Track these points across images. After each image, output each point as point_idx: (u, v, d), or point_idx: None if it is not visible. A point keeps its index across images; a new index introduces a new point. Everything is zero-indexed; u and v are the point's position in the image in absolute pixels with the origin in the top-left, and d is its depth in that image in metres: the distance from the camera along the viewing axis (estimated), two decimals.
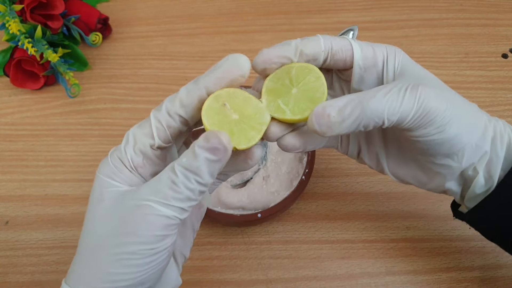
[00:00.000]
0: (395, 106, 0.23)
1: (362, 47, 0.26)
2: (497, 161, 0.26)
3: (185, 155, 0.21)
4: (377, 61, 0.26)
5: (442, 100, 0.24)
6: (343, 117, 0.23)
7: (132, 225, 0.21)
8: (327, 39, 0.26)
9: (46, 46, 0.45)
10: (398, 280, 0.37)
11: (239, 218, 0.36)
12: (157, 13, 0.55)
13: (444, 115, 0.24)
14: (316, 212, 0.41)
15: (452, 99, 0.25)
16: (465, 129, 0.25)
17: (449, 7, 0.55)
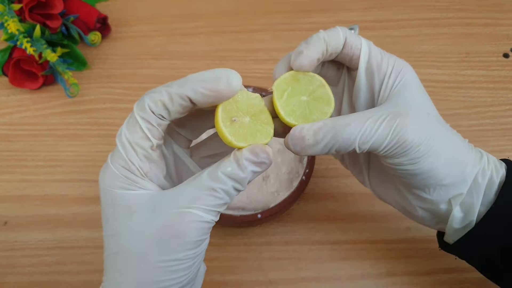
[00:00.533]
0: (367, 136, 0.24)
1: (371, 52, 0.26)
2: (477, 199, 0.26)
3: (229, 165, 0.22)
4: (380, 72, 0.26)
5: (420, 134, 0.24)
6: (317, 140, 0.24)
7: (178, 232, 0.22)
8: (344, 31, 0.26)
9: (45, 46, 0.45)
10: (398, 281, 0.37)
11: (239, 218, 0.36)
12: (156, 12, 0.54)
13: (419, 149, 0.24)
14: (316, 212, 0.40)
15: (433, 134, 0.25)
16: (441, 165, 0.25)
17: (450, 7, 0.55)
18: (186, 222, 0.22)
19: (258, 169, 0.22)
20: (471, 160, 0.26)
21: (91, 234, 0.39)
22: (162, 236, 0.22)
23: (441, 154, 0.25)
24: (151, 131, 0.23)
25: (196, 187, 0.22)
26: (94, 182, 0.42)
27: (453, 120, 0.45)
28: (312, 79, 0.26)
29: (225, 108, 0.23)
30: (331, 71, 0.29)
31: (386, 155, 0.25)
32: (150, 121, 0.23)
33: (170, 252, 0.22)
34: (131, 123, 0.23)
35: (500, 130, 0.45)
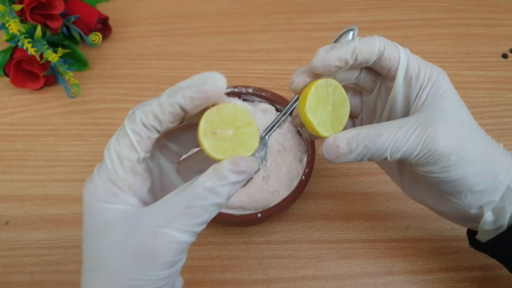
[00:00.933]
0: (399, 145, 0.25)
1: (409, 63, 0.26)
2: (509, 205, 0.26)
3: (208, 179, 0.21)
4: (417, 83, 0.26)
5: (451, 143, 0.25)
6: (350, 149, 0.25)
7: (151, 252, 0.21)
8: (381, 42, 0.26)
9: (46, 46, 0.45)
10: (397, 280, 0.37)
11: (239, 218, 0.36)
12: (157, 13, 0.55)
13: (449, 158, 0.25)
14: (316, 212, 0.41)
15: (465, 143, 0.25)
16: (473, 174, 0.25)
17: (449, 7, 0.55)
18: (160, 242, 0.21)
19: (238, 178, 0.21)
20: (504, 168, 0.26)
21: None
22: (136, 254, 0.21)
23: (473, 162, 0.25)
24: (140, 143, 0.22)
25: (173, 205, 0.21)
26: None
27: None
28: (329, 83, 0.26)
29: (208, 119, 0.22)
30: (367, 83, 0.29)
31: (417, 163, 0.25)
32: (140, 134, 0.22)
33: (143, 271, 0.21)
34: (120, 136, 0.23)
35: (498, 130, 0.45)
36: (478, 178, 0.26)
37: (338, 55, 0.25)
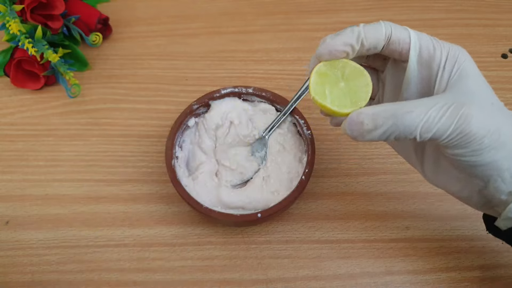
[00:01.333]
0: (431, 124, 0.23)
1: (421, 44, 0.25)
2: None
3: None
4: (433, 63, 0.25)
5: (485, 125, 0.23)
6: (376, 125, 0.23)
7: None
8: (387, 27, 0.26)
9: (46, 46, 0.45)
10: (397, 280, 0.37)
11: (239, 218, 0.36)
12: (157, 13, 0.55)
13: (482, 141, 0.23)
14: (316, 212, 0.41)
15: (498, 126, 0.24)
16: (504, 157, 0.24)
17: (449, 7, 0.55)
18: None
19: None
20: None
21: (92, 233, 0.40)
22: None
23: (505, 146, 0.24)
24: None
25: None
26: (95, 182, 0.43)
27: None
28: (335, 63, 0.26)
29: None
30: (377, 62, 0.29)
31: (448, 145, 0.24)
32: None
33: None
34: None
35: None
36: (509, 162, 0.24)
37: (343, 40, 0.25)
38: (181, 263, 0.38)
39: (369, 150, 0.44)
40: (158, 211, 0.41)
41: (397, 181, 0.42)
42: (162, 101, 0.48)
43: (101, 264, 0.38)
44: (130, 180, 0.43)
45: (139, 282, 0.37)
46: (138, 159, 0.44)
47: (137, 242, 0.39)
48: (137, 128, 0.46)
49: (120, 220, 0.40)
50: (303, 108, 0.43)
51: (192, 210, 0.40)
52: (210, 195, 0.38)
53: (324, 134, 0.45)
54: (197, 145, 0.41)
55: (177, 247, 0.39)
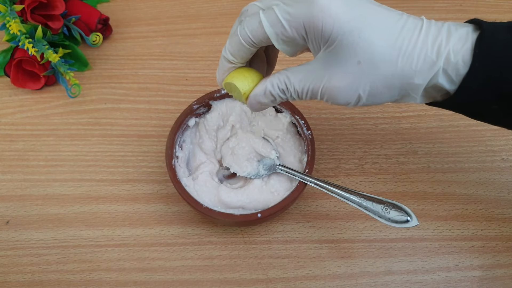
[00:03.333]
0: (302, 94, 0.29)
1: (276, 30, 0.27)
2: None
3: None
4: (295, 41, 0.28)
5: (349, 94, 0.27)
6: (271, 100, 0.30)
7: None
8: (243, 34, 0.28)
9: (46, 47, 0.45)
10: (397, 280, 0.37)
11: (239, 217, 0.36)
12: (157, 13, 0.55)
13: (350, 104, 0.28)
14: (315, 211, 0.41)
15: (358, 90, 0.27)
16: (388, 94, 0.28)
17: (448, 8, 0.55)
18: None
19: None
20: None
21: (92, 233, 0.40)
22: None
23: (383, 94, 0.28)
24: None
25: None
26: (95, 182, 0.43)
27: (452, 120, 0.46)
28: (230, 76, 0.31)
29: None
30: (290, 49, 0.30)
31: None
32: None
33: None
34: None
35: (498, 130, 0.45)
36: (395, 90, 0.27)
37: (222, 71, 0.31)
38: (181, 263, 0.38)
39: (368, 150, 0.44)
40: (158, 211, 0.41)
41: (397, 181, 0.42)
42: (162, 101, 0.48)
43: (101, 264, 0.38)
44: (130, 180, 0.43)
45: (139, 282, 0.37)
46: (138, 159, 0.44)
47: (137, 242, 0.39)
48: (137, 128, 0.46)
49: (120, 220, 0.40)
50: (303, 108, 0.43)
51: (192, 210, 0.40)
52: (210, 195, 0.38)
53: (324, 134, 0.45)
54: (198, 145, 0.41)
55: (177, 247, 0.39)
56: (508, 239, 0.39)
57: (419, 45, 0.26)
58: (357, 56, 0.26)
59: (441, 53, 0.26)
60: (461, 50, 0.26)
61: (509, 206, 0.41)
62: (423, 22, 0.27)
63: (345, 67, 0.26)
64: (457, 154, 0.44)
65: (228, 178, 0.41)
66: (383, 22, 0.26)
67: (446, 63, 0.26)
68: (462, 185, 0.42)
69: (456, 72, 0.26)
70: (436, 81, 0.27)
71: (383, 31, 0.26)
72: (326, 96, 0.28)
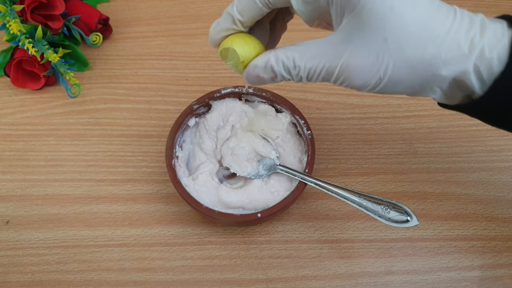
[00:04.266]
0: (312, 76, 0.26)
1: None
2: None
3: None
4: (320, 2, 0.25)
5: (367, 78, 0.25)
6: (270, 77, 0.28)
7: None
8: None
9: (46, 47, 0.45)
10: (397, 280, 0.37)
11: (239, 217, 0.36)
12: (157, 13, 0.55)
13: (366, 87, 0.25)
14: (315, 211, 0.41)
15: (386, 65, 0.24)
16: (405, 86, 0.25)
17: None
18: None
19: None
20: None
21: (92, 233, 0.40)
22: None
23: (402, 80, 0.25)
24: None
25: None
26: (95, 182, 0.43)
27: (452, 120, 0.46)
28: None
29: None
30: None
31: None
32: None
33: None
34: None
35: (498, 130, 0.45)
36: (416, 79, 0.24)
37: (222, 27, 0.28)
38: (181, 263, 0.38)
39: (368, 150, 0.44)
40: (158, 211, 0.41)
41: (397, 181, 0.42)
42: (162, 101, 0.48)
43: (101, 264, 0.38)
44: (130, 180, 0.43)
45: (139, 282, 0.37)
46: (138, 159, 0.44)
47: (137, 242, 0.39)
48: (137, 128, 0.46)
49: (120, 220, 0.40)
50: (303, 108, 0.43)
51: (192, 210, 0.40)
52: (210, 195, 0.38)
53: (324, 134, 0.45)
54: (198, 145, 0.41)
55: (177, 247, 0.39)
56: (508, 239, 0.39)
57: (452, 33, 0.23)
58: (385, 32, 0.23)
59: (475, 46, 0.23)
60: (497, 46, 0.23)
61: (509, 206, 0.41)
62: (456, 8, 0.24)
63: (369, 43, 0.23)
64: (457, 154, 0.44)
65: (228, 178, 0.41)
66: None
67: (479, 59, 0.23)
68: (462, 185, 0.42)
69: (489, 69, 0.23)
70: (465, 77, 0.24)
71: (417, 8, 0.23)
72: (343, 77, 0.25)
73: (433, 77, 0.24)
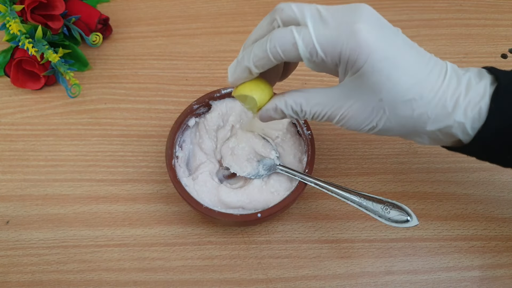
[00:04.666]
0: (317, 116, 0.30)
1: (307, 47, 0.27)
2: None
3: None
4: (326, 64, 0.28)
5: (362, 123, 0.29)
6: (281, 116, 0.31)
7: None
8: (273, 49, 0.28)
9: (46, 47, 0.45)
10: (397, 280, 0.37)
11: (239, 217, 0.36)
12: (157, 13, 0.55)
13: (363, 129, 0.29)
14: (315, 211, 0.41)
15: (373, 122, 0.29)
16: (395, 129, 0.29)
17: (448, 8, 0.55)
18: None
19: None
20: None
21: (92, 233, 0.40)
22: None
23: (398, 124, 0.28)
24: None
25: None
26: (95, 182, 0.43)
27: None
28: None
29: None
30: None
31: None
32: None
33: None
34: None
35: None
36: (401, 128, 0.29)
37: (239, 76, 0.31)
38: (181, 263, 0.38)
39: (368, 150, 0.44)
40: (158, 211, 0.41)
41: (397, 181, 0.42)
42: (162, 101, 0.48)
43: (101, 264, 0.38)
44: (130, 180, 0.43)
45: (139, 282, 0.37)
46: (138, 159, 0.44)
47: (137, 242, 0.39)
48: (137, 128, 0.46)
49: (120, 220, 0.40)
50: None
51: (192, 210, 0.40)
52: (210, 195, 0.38)
53: (324, 134, 0.45)
54: (198, 145, 0.41)
55: (177, 247, 0.39)
56: (508, 239, 0.39)
57: (439, 95, 0.27)
58: (381, 94, 0.27)
59: (459, 105, 0.27)
60: (479, 103, 0.27)
61: (509, 206, 0.41)
62: (447, 69, 0.28)
63: (367, 101, 0.27)
64: (457, 154, 0.43)
65: (228, 178, 0.41)
66: (412, 66, 0.27)
67: (462, 116, 0.27)
68: (462, 185, 0.42)
69: (472, 124, 0.27)
70: (450, 130, 0.28)
71: (410, 76, 0.26)
72: (342, 122, 0.29)
73: (421, 130, 0.28)
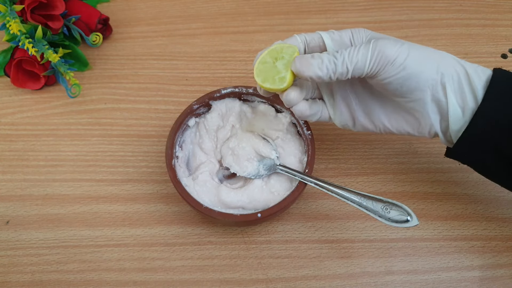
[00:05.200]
0: (352, 57, 0.30)
1: (330, 34, 0.33)
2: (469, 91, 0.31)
3: None
4: (344, 40, 0.33)
5: (396, 45, 0.30)
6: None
7: None
8: (301, 36, 0.34)
9: (46, 46, 0.45)
10: (397, 280, 0.37)
11: (239, 217, 0.36)
12: (157, 13, 0.55)
13: (398, 55, 0.30)
14: (315, 211, 0.41)
15: (407, 45, 0.31)
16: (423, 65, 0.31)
17: (448, 8, 0.55)
18: None
19: None
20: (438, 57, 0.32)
21: (92, 233, 0.40)
22: None
23: (419, 56, 0.30)
24: None
25: None
26: (95, 182, 0.43)
27: None
28: (272, 51, 0.33)
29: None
30: None
31: (374, 72, 0.30)
32: None
33: None
34: None
35: None
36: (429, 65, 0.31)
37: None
38: (181, 263, 0.38)
39: (368, 150, 0.44)
40: (158, 211, 0.41)
41: (397, 181, 0.42)
42: (162, 101, 0.48)
43: (101, 264, 0.38)
44: (130, 180, 0.43)
45: (139, 282, 0.37)
46: (138, 159, 0.44)
47: (137, 242, 0.39)
48: (137, 128, 0.46)
49: (120, 220, 0.40)
50: None
51: (192, 210, 0.40)
52: (210, 195, 0.38)
53: (324, 134, 0.45)
54: (198, 145, 0.41)
55: (177, 247, 0.39)
56: (508, 239, 0.39)
57: None
58: None
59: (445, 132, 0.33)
60: (459, 131, 0.31)
61: (509, 206, 0.41)
62: None
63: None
64: None
65: (228, 178, 0.41)
66: None
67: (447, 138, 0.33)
68: (462, 185, 0.42)
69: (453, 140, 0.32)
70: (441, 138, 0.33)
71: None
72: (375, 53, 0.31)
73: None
